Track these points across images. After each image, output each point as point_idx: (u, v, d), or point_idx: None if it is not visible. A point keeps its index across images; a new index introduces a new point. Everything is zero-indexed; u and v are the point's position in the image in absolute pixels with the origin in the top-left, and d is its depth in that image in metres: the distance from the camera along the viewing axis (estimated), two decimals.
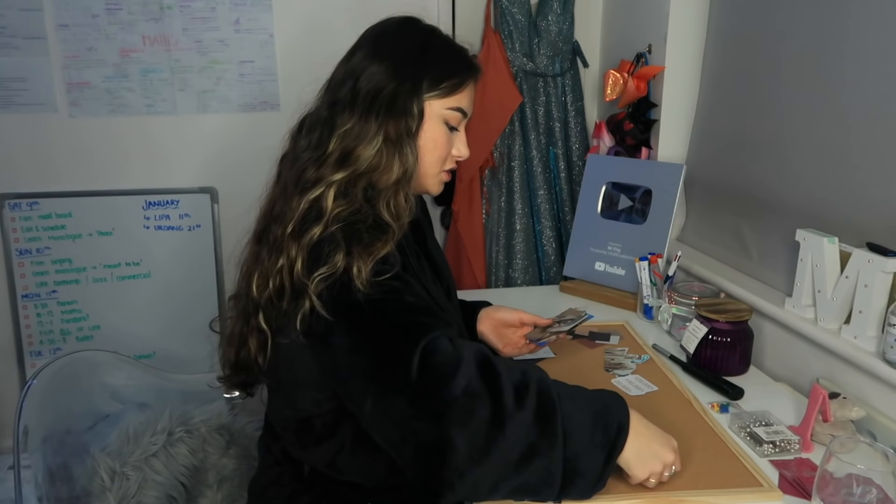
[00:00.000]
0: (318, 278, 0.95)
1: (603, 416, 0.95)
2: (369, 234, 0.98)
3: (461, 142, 1.16)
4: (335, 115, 1.08)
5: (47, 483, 1.13)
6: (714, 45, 1.78)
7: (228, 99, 2.21)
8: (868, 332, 1.18)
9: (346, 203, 1.01)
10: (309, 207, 1.01)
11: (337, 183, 1.02)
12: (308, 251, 0.97)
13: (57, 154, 2.15)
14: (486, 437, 0.88)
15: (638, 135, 1.93)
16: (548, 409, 0.91)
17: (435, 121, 1.11)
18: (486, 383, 0.91)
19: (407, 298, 0.97)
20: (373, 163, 1.05)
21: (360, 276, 0.94)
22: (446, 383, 0.89)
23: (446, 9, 2.20)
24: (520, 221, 2.21)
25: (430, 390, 0.90)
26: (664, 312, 1.54)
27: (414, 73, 1.07)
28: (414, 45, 1.10)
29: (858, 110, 1.29)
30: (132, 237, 2.22)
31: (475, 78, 1.14)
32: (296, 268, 0.97)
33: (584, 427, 0.93)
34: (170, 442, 1.30)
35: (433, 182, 1.17)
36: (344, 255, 0.95)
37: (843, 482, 0.85)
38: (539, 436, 0.89)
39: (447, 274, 1.29)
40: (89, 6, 2.06)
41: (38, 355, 2.23)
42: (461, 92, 1.11)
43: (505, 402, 0.89)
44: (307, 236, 0.98)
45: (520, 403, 0.90)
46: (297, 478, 1.12)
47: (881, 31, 1.22)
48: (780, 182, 1.52)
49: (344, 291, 0.94)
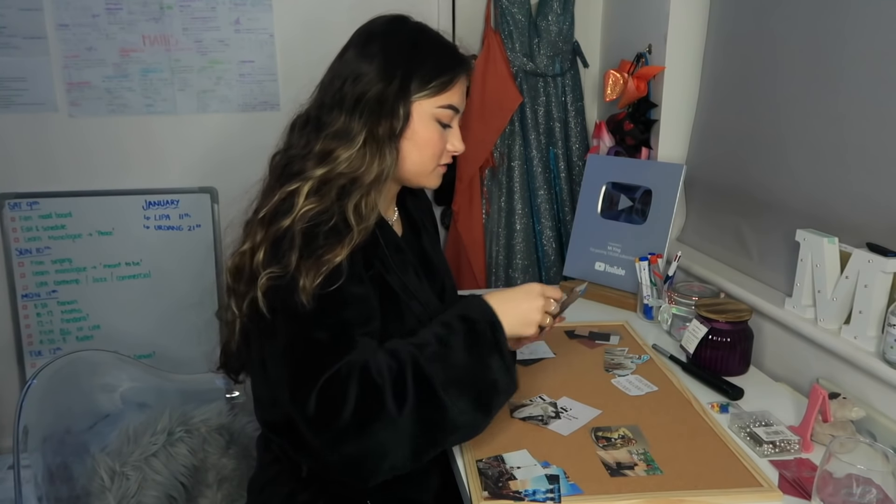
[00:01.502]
0: (269, 275, 0.98)
1: (473, 334, 1.02)
2: (326, 239, 1.00)
3: (455, 136, 1.17)
4: (322, 115, 1.09)
5: (47, 483, 1.13)
6: (714, 45, 1.78)
7: (228, 99, 2.21)
8: (868, 333, 1.18)
9: (317, 201, 1.02)
10: (283, 199, 1.03)
11: (315, 179, 1.04)
12: (271, 243, 1.01)
13: (57, 154, 2.15)
14: (385, 443, 0.94)
15: (638, 135, 1.93)
16: (426, 389, 0.96)
17: (427, 120, 1.11)
18: (370, 401, 0.94)
19: (344, 314, 1.00)
20: (353, 164, 1.06)
21: (304, 291, 0.96)
22: (336, 416, 0.94)
23: (446, 9, 2.20)
24: (520, 221, 2.21)
25: (321, 425, 0.94)
26: (664, 312, 1.54)
27: (402, 74, 1.07)
28: (401, 44, 1.10)
29: (858, 110, 1.29)
30: (132, 237, 2.22)
31: (466, 73, 1.14)
32: (257, 255, 1.01)
33: (467, 367, 1.00)
34: (170, 442, 1.30)
35: (431, 177, 1.18)
36: (297, 259, 0.98)
37: (843, 482, 0.85)
38: (428, 420, 0.96)
39: (443, 274, 1.29)
40: (89, 6, 2.06)
41: (38, 355, 2.23)
42: (451, 89, 1.11)
43: (389, 408, 0.94)
44: (274, 226, 1.01)
45: (400, 403, 0.94)
46: (295, 476, 1.13)
47: (881, 32, 1.22)
48: (780, 182, 1.52)
49: (286, 296, 0.98)
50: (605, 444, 1.09)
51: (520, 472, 1.02)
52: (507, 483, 0.99)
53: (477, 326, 1.03)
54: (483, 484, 0.99)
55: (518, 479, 1.00)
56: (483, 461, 1.04)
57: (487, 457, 1.05)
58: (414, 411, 0.95)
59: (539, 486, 0.98)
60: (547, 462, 1.04)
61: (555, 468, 1.03)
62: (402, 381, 0.96)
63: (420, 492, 1.15)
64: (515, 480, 1.00)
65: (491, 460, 1.04)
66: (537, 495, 0.96)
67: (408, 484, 1.13)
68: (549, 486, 0.98)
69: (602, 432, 1.13)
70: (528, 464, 1.04)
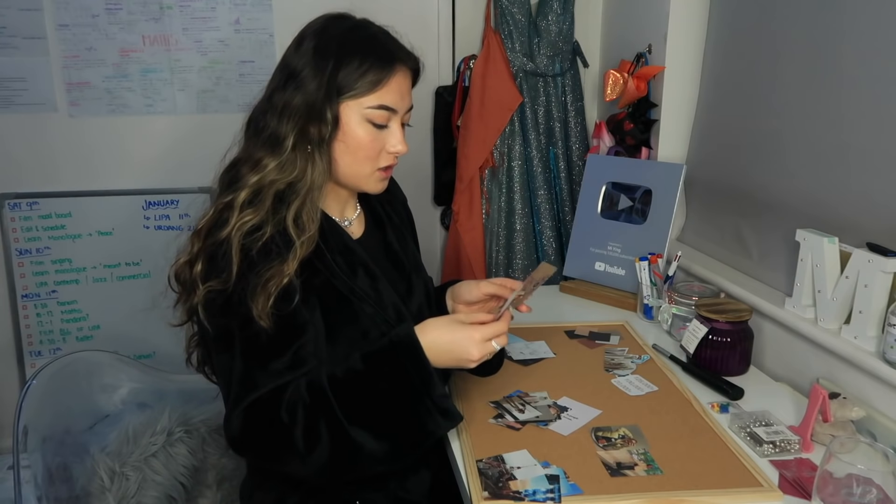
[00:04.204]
0: (208, 288, 0.99)
1: (399, 379, 0.99)
2: (268, 258, 1.00)
3: (394, 137, 1.10)
4: (259, 118, 1.08)
5: (47, 483, 1.13)
6: (714, 45, 1.78)
7: (228, 99, 2.21)
8: (868, 332, 1.18)
9: (253, 212, 1.01)
10: (220, 210, 1.03)
11: (248, 188, 1.03)
12: (208, 256, 1.01)
13: (57, 154, 2.15)
14: (298, 472, 1.00)
15: (638, 135, 1.93)
16: (340, 433, 0.97)
17: (356, 122, 1.06)
18: (283, 438, 0.97)
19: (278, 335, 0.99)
20: (284, 171, 1.03)
21: (259, 316, 0.97)
22: (253, 445, 1.01)
23: (446, 9, 2.20)
24: (520, 221, 2.21)
25: (243, 448, 1.03)
26: (664, 312, 1.54)
27: (328, 76, 1.03)
28: (329, 44, 1.05)
29: (858, 110, 1.29)
30: (132, 237, 2.22)
31: (404, 71, 1.09)
32: (196, 267, 1.01)
33: (391, 413, 0.99)
34: (169, 442, 1.30)
35: (369, 181, 1.12)
36: (237, 277, 0.98)
37: (843, 482, 0.85)
38: (341, 459, 0.98)
39: (411, 268, 1.24)
40: (89, 6, 2.06)
41: (38, 355, 2.23)
42: (382, 88, 1.06)
43: (298, 448, 0.96)
44: (210, 239, 1.01)
45: (311, 444, 0.96)
46: (284, 479, 1.12)
47: (881, 32, 1.22)
48: (780, 182, 1.51)
49: (222, 312, 1.00)
50: (605, 444, 1.09)
51: (520, 472, 1.02)
52: (507, 483, 0.99)
53: (405, 371, 0.99)
54: (483, 484, 0.99)
55: (518, 479, 1.00)
56: (483, 461, 1.04)
57: (487, 457, 1.05)
58: (326, 450, 0.96)
59: (539, 486, 0.98)
60: (547, 462, 1.04)
61: (555, 468, 1.02)
62: (315, 422, 0.96)
63: (412, 490, 1.14)
64: (515, 480, 1.00)
65: (491, 460, 1.04)
66: (537, 495, 0.96)
67: (399, 482, 1.13)
68: (549, 486, 0.98)
69: (602, 432, 1.13)
70: (528, 464, 1.04)
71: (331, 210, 1.15)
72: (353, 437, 0.96)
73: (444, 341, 1.01)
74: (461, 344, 1.00)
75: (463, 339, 1.00)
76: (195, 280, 1.01)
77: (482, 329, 1.01)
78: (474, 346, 1.00)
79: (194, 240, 1.04)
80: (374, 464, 1.00)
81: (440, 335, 1.01)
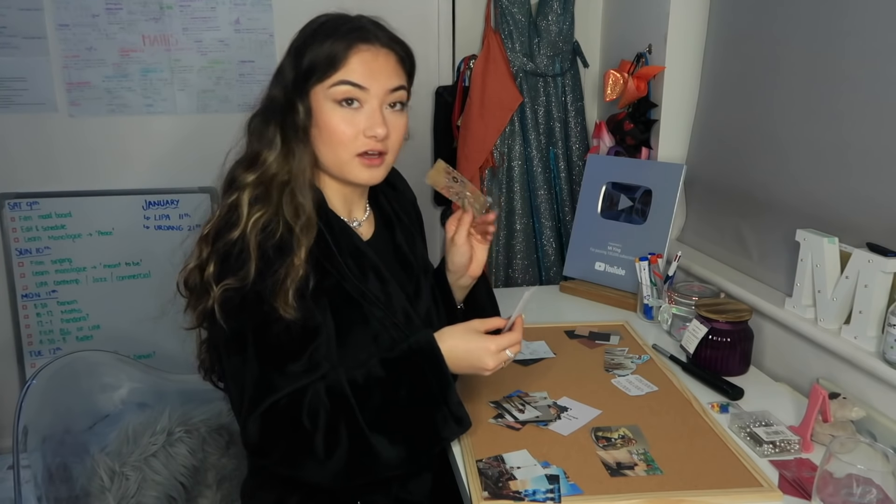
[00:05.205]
0: (225, 286, 0.98)
1: (419, 386, 1.00)
2: (279, 255, 0.99)
3: (370, 118, 1.06)
4: (256, 118, 1.11)
5: (46, 483, 1.13)
6: (714, 45, 1.78)
7: (228, 99, 2.21)
8: (868, 333, 1.18)
9: (262, 208, 1.02)
10: (227, 211, 1.03)
11: (249, 186, 1.04)
12: (221, 257, 1.00)
13: (57, 154, 2.15)
14: (314, 476, 0.99)
15: (638, 135, 1.93)
16: (359, 438, 0.97)
17: (328, 107, 1.06)
18: (301, 443, 0.97)
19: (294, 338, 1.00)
20: (279, 166, 1.05)
21: (286, 309, 0.97)
22: (270, 451, 0.99)
23: (446, 9, 2.20)
24: (520, 221, 2.21)
25: (260, 454, 1.01)
26: (664, 312, 1.54)
27: (296, 70, 1.06)
28: (306, 37, 1.08)
29: (858, 110, 1.29)
30: (132, 237, 2.22)
31: (374, 49, 1.06)
32: (207, 270, 1.00)
33: (408, 419, 1.00)
34: (169, 442, 1.30)
35: (351, 169, 1.09)
36: (256, 272, 0.98)
37: (843, 482, 0.85)
38: (358, 462, 0.98)
39: (420, 270, 1.24)
40: (89, 6, 2.06)
41: (38, 355, 2.23)
42: (343, 65, 1.04)
43: (318, 453, 0.97)
44: (221, 240, 1.00)
45: (330, 450, 0.97)
46: (285, 479, 1.12)
47: (881, 32, 1.22)
48: (780, 182, 1.51)
49: (239, 310, 0.99)
50: (605, 444, 1.09)
51: (520, 472, 1.02)
52: (507, 483, 0.99)
53: (425, 378, 1.00)
54: (483, 484, 0.99)
55: (518, 479, 1.00)
56: (483, 461, 1.04)
57: (487, 457, 1.05)
58: (344, 456, 0.97)
59: (539, 486, 0.98)
60: (547, 462, 1.04)
61: (555, 468, 1.02)
62: (335, 428, 0.97)
63: (413, 492, 1.14)
64: (515, 480, 1.00)
65: (491, 460, 1.04)
66: (537, 495, 0.96)
67: (400, 484, 1.12)
68: (549, 486, 0.98)
69: (602, 432, 1.13)
70: (528, 464, 1.04)
71: (337, 209, 1.15)
72: (372, 443, 0.97)
73: (460, 350, 1.03)
74: (476, 354, 1.02)
75: (478, 350, 1.02)
76: (208, 282, 1.00)
77: (497, 339, 1.03)
78: (489, 357, 1.02)
79: (202, 245, 1.03)
80: (387, 469, 1.00)
81: (457, 344, 1.03)
